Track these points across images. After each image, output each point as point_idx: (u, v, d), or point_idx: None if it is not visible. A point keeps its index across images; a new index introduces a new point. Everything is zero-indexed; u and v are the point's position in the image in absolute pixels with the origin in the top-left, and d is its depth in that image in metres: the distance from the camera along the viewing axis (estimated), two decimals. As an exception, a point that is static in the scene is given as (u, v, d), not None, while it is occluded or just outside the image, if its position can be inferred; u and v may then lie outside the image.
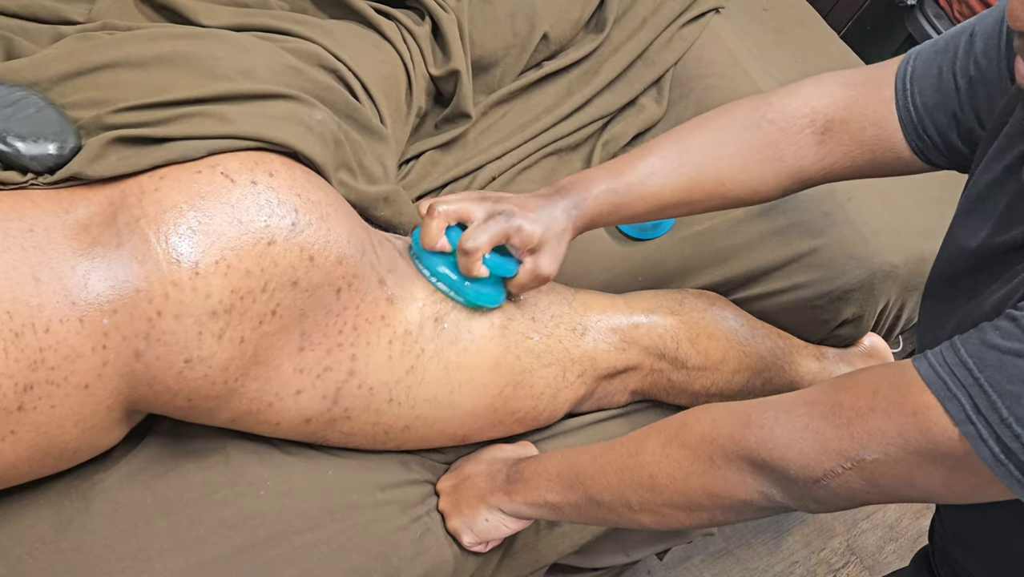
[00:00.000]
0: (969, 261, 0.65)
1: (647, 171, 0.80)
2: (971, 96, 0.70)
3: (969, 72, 0.69)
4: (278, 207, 0.67)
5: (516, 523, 0.81)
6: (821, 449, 0.58)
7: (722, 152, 0.80)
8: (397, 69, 0.96)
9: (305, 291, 0.69)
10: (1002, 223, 0.61)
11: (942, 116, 0.72)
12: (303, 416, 0.75)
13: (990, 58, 0.68)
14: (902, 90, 0.74)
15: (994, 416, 0.50)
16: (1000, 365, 0.50)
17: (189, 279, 0.63)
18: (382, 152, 0.88)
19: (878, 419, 0.55)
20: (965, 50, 0.70)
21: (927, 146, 0.74)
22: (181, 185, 0.65)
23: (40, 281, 0.61)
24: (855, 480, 0.57)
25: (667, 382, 0.95)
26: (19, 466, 0.65)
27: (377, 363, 0.76)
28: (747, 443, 0.61)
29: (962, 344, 0.53)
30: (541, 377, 0.85)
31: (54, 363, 0.61)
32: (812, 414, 0.59)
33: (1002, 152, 0.64)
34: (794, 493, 0.61)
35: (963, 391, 0.51)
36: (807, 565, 1.61)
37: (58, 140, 0.67)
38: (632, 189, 0.79)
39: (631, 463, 0.69)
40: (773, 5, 1.38)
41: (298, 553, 0.76)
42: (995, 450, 0.50)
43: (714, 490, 0.64)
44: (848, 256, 1.03)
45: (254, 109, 0.72)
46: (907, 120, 0.74)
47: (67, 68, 0.72)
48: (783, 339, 1.03)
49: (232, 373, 0.68)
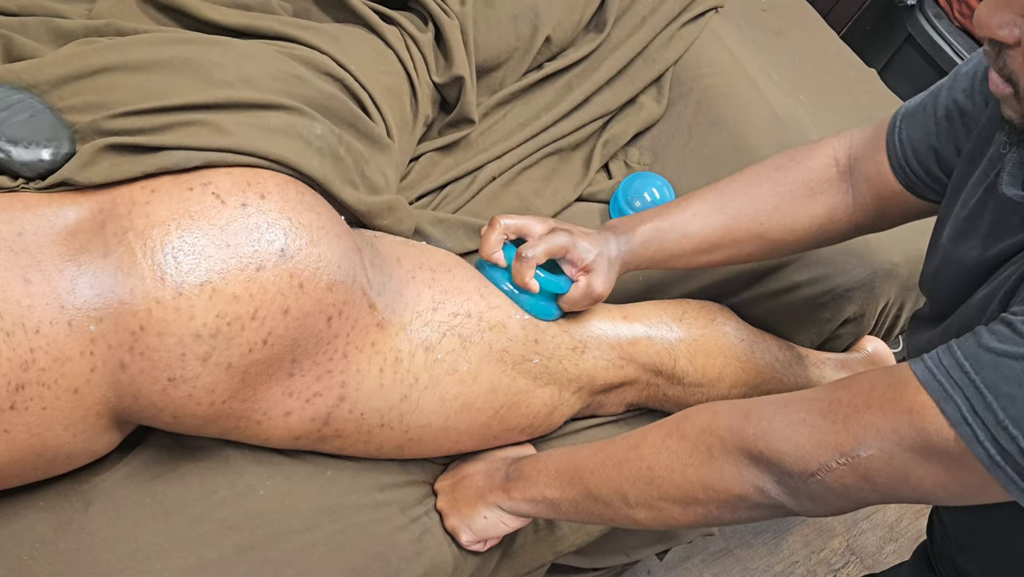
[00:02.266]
0: (969, 278, 0.66)
1: (691, 212, 0.86)
2: (950, 128, 0.73)
3: (948, 107, 0.73)
4: (267, 231, 0.66)
5: (514, 521, 0.81)
6: (816, 443, 0.59)
7: (758, 191, 0.85)
8: (400, 80, 0.96)
9: (296, 319, 0.68)
10: (991, 238, 0.63)
11: (922, 148, 0.75)
12: (292, 434, 0.75)
13: (969, 92, 0.71)
14: (892, 127, 0.79)
15: (990, 417, 0.50)
16: (996, 367, 0.51)
17: (172, 298, 0.63)
18: (384, 162, 0.87)
19: (873, 415, 0.56)
20: (948, 87, 0.74)
21: (912, 180, 0.77)
22: (172, 201, 0.65)
23: (30, 282, 0.61)
24: (850, 476, 0.58)
25: (663, 396, 0.95)
26: (12, 467, 0.65)
27: (368, 390, 0.75)
28: (745, 435, 0.62)
29: (958, 346, 0.54)
30: (537, 397, 0.85)
31: (44, 364, 0.62)
32: (810, 409, 0.60)
33: (986, 174, 0.65)
34: (789, 487, 0.61)
35: (959, 392, 0.52)
36: (807, 565, 1.61)
37: (52, 145, 0.67)
38: (677, 227, 0.85)
39: (631, 455, 0.70)
40: (773, 5, 1.38)
41: (297, 553, 0.76)
42: (991, 451, 0.50)
43: (710, 483, 0.65)
44: (849, 255, 1.03)
45: (252, 120, 0.72)
46: (892, 155, 0.78)
47: (66, 71, 0.72)
48: (784, 350, 1.02)
49: (218, 396, 0.68)
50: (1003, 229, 0.61)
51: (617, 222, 0.87)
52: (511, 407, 0.84)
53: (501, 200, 1.06)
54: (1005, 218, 0.61)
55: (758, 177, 0.86)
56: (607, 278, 0.84)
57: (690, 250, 0.86)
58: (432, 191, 1.04)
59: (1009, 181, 0.61)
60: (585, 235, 0.84)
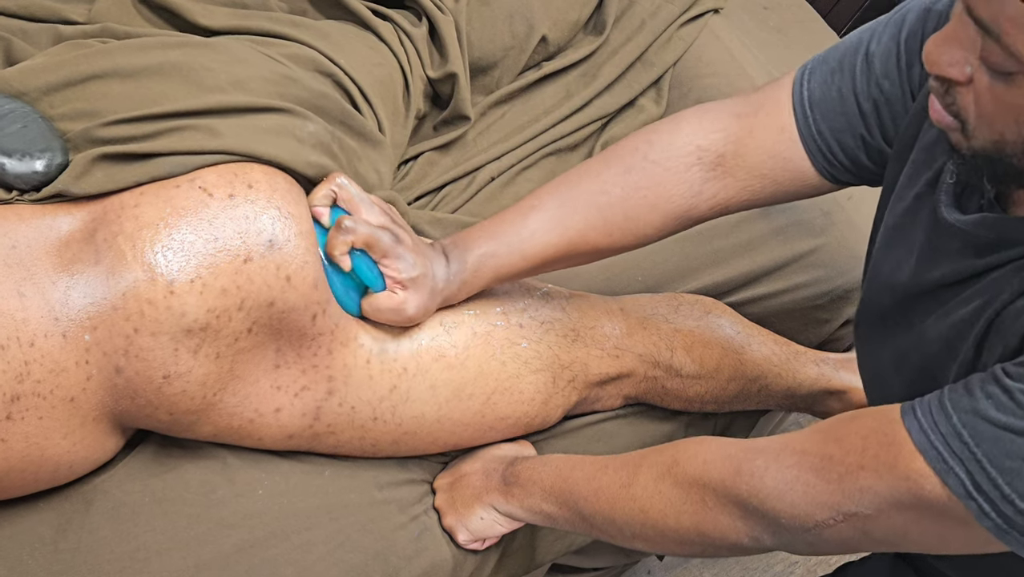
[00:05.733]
0: (898, 296, 0.65)
1: (528, 229, 0.77)
2: (877, 118, 0.69)
3: (872, 95, 0.69)
4: (255, 221, 0.67)
5: (510, 523, 0.82)
6: (812, 502, 0.58)
7: (607, 200, 0.76)
8: (394, 72, 0.96)
9: (281, 312, 0.69)
10: (925, 259, 0.61)
11: (849, 139, 0.71)
12: (285, 432, 0.75)
13: (891, 79, 0.68)
14: (803, 117, 0.72)
15: (996, 493, 0.50)
16: (996, 440, 0.50)
17: (164, 298, 0.63)
18: (377, 159, 0.87)
19: (868, 478, 0.55)
20: (863, 71, 0.69)
21: (837, 169, 0.73)
22: (159, 201, 0.65)
23: (24, 296, 0.62)
24: (847, 531, 0.57)
25: (661, 389, 0.95)
26: (12, 476, 0.66)
27: (357, 382, 0.75)
28: (739, 491, 0.62)
29: (953, 409, 0.52)
30: (529, 383, 0.85)
31: (40, 376, 0.62)
32: (801, 465, 0.59)
33: (911, 180, 0.64)
34: (785, 539, 0.61)
35: (961, 466, 0.51)
36: (807, 565, 1.61)
37: (45, 156, 0.67)
38: (513, 248, 0.77)
39: (623, 494, 0.69)
40: (773, 5, 1.38)
41: (296, 552, 0.76)
42: (998, 522, 0.50)
43: (704, 530, 0.64)
44: (849, 255, 1.03)
45: (244, 122, 0.72)
46: (814, 148, 0.72)
47: (56, 79, 0.72)
48: (781, 345, 1.02)
49: (210, 388, 0.68)
50: (941, 254, 0.60)
51: (456, 239, 0.78)
52: (503, 393, 0.83)
53: (499, 201, 1.06)
54: (943, 243, 0.60)
55: (605, 184, 0.76)
56: (423, 304, 0.75)
57: (528, 269, 0.79)
58: (430, 192, 1.05)
59: (947, 202, 0.59)
60: (417, 249, 0.75)
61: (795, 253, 1.04)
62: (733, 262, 1.04)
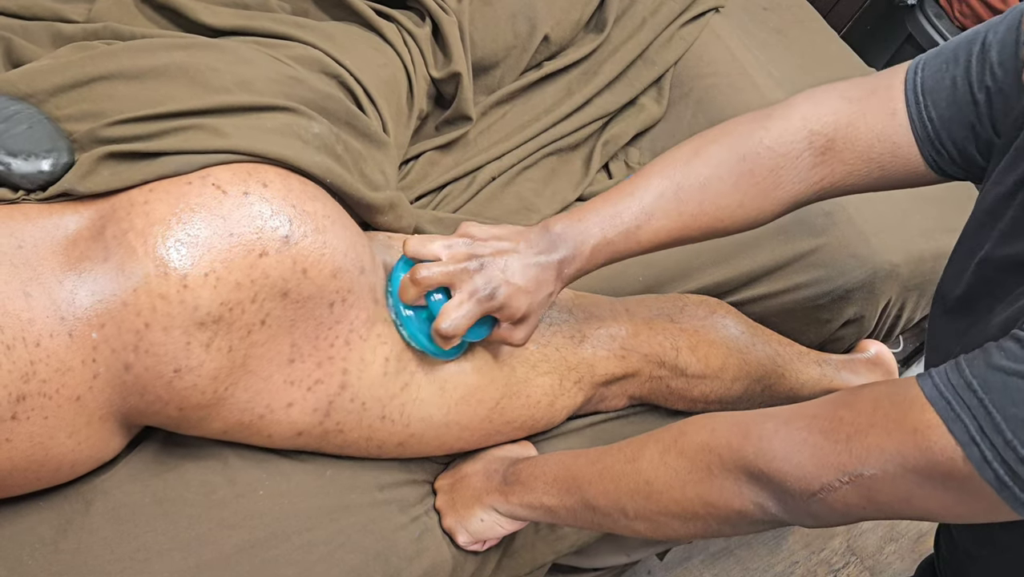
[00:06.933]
0: (976, 276, 0.64)
1: (645, 215, 0.76)
2: (989, 108, 0.68)
3: (986, 83, 0.67)
4: (271, 218, 0.67)
5: (511, 524, 0.81)
6: (819, 463, 0.57)
7: (720, 188, 0.76)
8: (398, 72, 0.96)
9: (295, 302, 0.69)
10: (1006, 235, 0.61)
11: (959, 129, 0.70)
12: (295, 429, 0.75)
13: (1007, 68, 0.66)
14: (915, 103, 0.71)
15: (999, 439, 0.49)
16: (1005, 387, 0.50)
17: (177, 292, 0.63)
18: (382, 159, 0.87)
19: (877, 436, 0.55)
20: (979, 59, 0.68)
21: (944, 159, 0.72)
22: (170, 197, 0.65)
23: (30, 296, 0.61)
24: (852, 496, 0.57)
25: (666, 389, 0.95)
26: (16, 476, 0.65)
27: (371, 378, 0.75)
28: (745, 453, 0.61)
29: (967, 364, 0.52)
30: (537, 386, 0.85)
31: (45, 376, 0.62)
32: (811, 428, 0.59)
33: (1013, 164, 0.63)
34: (790, 506, 0.60)
35: (967, 412, 0.51)
36: (807, 565, 1.61)
37: (51, 157, 0.67)
38: (630, 237, 0.76)
39: (628, 469, 0.69)
40: (773, 5, 1.38)
41: (297, 553, 0.76)
42: (1000, 472, 0.50)
43: (710, 499, 0.64)
44: (850, 255, 1.03)
45: (250, 122, 0.72)
46: (923, 135, 0.71)
47: (62, 80, 0.72)
48: (784, 345, 1.03)
49: (221, 382, 0.68)
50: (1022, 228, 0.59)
51: (562, 229, 0.76)
52: (512, 397, 0.83)
53: (500, 200, 1.06)
54: None
55: (719, 169, 0.76)
56: (531, 327, 0.76)
57: (640, 252, 0.78)
58: (432, 191, 1.04)
59: None
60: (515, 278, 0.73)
61: (796, 253, 1.04)
62: (734, 261, 1.04)
